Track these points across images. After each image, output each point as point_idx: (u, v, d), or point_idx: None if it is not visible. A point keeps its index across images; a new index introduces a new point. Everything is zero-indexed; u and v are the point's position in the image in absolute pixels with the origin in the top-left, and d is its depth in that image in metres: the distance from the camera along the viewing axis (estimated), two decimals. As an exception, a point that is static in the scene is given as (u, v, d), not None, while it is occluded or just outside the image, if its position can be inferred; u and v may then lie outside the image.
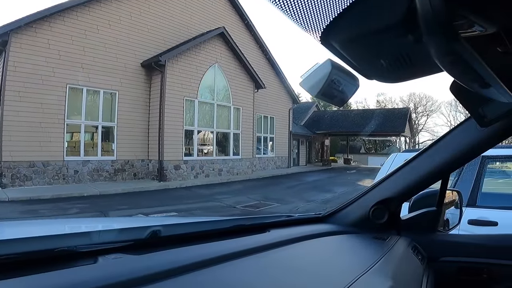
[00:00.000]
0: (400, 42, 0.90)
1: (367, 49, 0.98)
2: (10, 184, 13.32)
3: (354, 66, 1.06)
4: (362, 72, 1.08)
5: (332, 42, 0.94)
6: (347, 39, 0.93)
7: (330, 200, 14.14)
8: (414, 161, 1.94)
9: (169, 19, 18.95)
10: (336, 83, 1.08)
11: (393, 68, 1.03)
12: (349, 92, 1.14)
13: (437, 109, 62.88)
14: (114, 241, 1.15)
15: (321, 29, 0.88)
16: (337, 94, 1.11)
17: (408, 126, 35.48)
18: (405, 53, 0.96)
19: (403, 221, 2.02)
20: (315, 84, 1.09)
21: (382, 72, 1.07)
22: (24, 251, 0.94)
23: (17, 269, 0.86)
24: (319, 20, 0.84)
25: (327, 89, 1.08)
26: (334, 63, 1.06)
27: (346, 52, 0.99)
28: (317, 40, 0.91)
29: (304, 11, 0.81)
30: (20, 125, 13.37)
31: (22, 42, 13.53)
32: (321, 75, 1.07)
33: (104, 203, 12.12)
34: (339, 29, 0.88)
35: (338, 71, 1.07)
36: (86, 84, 15.41)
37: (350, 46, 0.97)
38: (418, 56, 0.95)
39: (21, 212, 10.37)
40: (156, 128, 17.28)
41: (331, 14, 0.82)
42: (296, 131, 31.03)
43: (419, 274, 1.71)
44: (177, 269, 1.00)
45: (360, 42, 0.94)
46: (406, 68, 1.03)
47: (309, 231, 1.75)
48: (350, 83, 1.12)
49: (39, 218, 9.71)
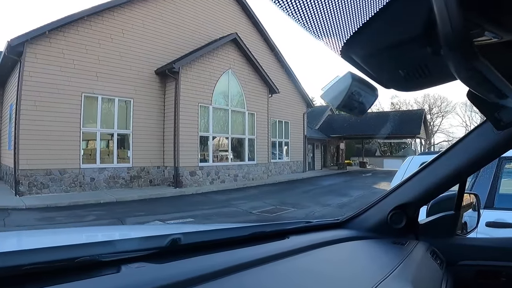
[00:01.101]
0: (418, 54, 0.91)
1: (386, 61, 1.00)
2: (27, 192, 13.25)
3: (372, 76, 1.09)
4: (380, 82, 1.11)
5: (352, 56, 0.98)
6: (366, 53, 0.98)
7: (346, 204, 13.86)
8: (431, 166, 1.92)
9: (181, 26, 18.82)
10: (356, 94, 1.10)
11: (410, 77, 1.04)
12: (369, 102, 1.16)
13: (452, 110, 62.05)
14: (135, 249, 1.14)
15: (342, 44, 0.92)
16: (357, 105, 1.13)
17: (423, 127, 34.93)
18: (423, 64, 0.98)
19: (421, 225, 2.02)
20: (336, 97, 1.11)
21: (399, 81, 1.08)
22: (46, 261, 0.93)
23: (41, 278, 0.87)
24: (339, 35, 0.88)
25: (347, 101, 1.10)
26: (354, 76, 1.09)
27: (365, 65, 1.02)
28: (337, 54, 0.95)
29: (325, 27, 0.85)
30: (37, 134, 13.31)
31: (37, 52, 13.49)
32: (341, 88, 1.10)
33: (121, 210, 11.96)
34: (359, 43, 0.92)
35: (358, 83, 1.10)
36: (101, 92, 15.31)
37: (370, 59, 1.00)
38: (436, 66, 0.96)
39: (38, 220, 10.27)
40: (171, 135, 17.11)
41: (351, 29, 0.86)
42: (311, 135, 30.67)
43: (438, 278, 1.70)
44: (199, 278, 1.00)
45: (379, 55, 0.97)
46: (424, 77, 1.03)
47: (328, 237, 1.76)
48: (369, 94, 1.14)
49: (56, 226, 9.71)
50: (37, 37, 13.44)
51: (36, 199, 12.57)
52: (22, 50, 13.18)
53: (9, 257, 0.95)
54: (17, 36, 12.98)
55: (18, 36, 13.00)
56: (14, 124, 13.52)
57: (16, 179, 13.21)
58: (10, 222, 9.81)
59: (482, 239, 2.32)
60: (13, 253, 1.03)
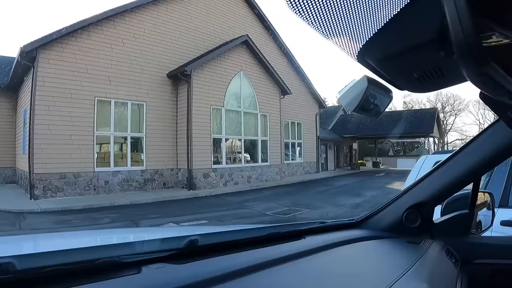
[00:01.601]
0: (431, 58, 0.92)
1: (400, 65, 1.02)
2: (42, 196, 13.24)
3: (387, 79, 1.11)
4: (394, 84, 1.13)
5: (368, 60, 1.00)
6: (382, 57, 0.99)
7: (360, 204, 13.66)
8: (445, 165, 1.92)
9: (193, 29, 18.75)
10: (371, 97, 1.13)
11: (424, 79, 1.06)
12: (384, 104, 1.19)
13: (465, 108, 60.84)
14: (154, 251, 1.15)
15: (358, 49, 0.94)
16: (373, 107, 1.16)
17: (436, 126, 34.48)
18: (436, 66, 0.99)
19: (435, 224, 2.00)
20: (353, 100, 1.13)
21: (413, 83, 1.10)
22: (67, 262, 0.93)
23: (62, 280, 0.88)
24: (356, 41, 0.90)
25: (364, 104, 1.12)
26: (370, 79, 1.11)
27: (381, 68, 1.04)
28: (353, 58, 0.97)
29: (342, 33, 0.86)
30: (51, 138, 13.33)
31: (50, 57, 13.50)
32: (358, 91, 1.12)
33: (135, 213, 11.90)
34: (375, 48, 0.94)
35: (374, 86, 1.12)
36: (114, 96, 15.29)
37: (385, 63, 1.02)
38: (449, 68, 0.98)
39: (53, 223, 10.29)
40: (184, 137, 17.02)
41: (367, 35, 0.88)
42: (323, 135, 30.38)
43: (453, 277, 1.69)
44: (218, 278, 1.02)
45: (394, 59, 0.99)
46: (437, 79, 1.05)
47: (344, 237, 1.77)
48: (384, 96, 1.17)
49: (72, 229, 9.66)
50: (49, 43, 13.45)
51: (51, 203, 12.54)
52: (35, 55, 13.21)
53: (30, 259, 0.94)
54: (30, 42, 12.99)
55: (31, 42, 13.02)
56: (28, 129, 13.53)
57: (31, 183, 13.21)
58: (25, 226, 9.79)
59: (497, 238, 2.32)
60: (33, 255, 1.03)
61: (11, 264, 0.84)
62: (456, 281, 1.68)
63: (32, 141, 13.19)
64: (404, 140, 50.40)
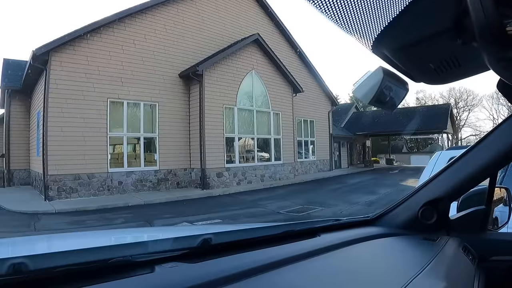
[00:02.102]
0: (448, 46, 0.92)
1: (416, 55, 1.00)
2: (56, 197, 13.23)
3: (402, 70, 1.10)
4: (410, 76, 1.12)
5: (383, 50, 0.98)
6: (397, 46, 0.97)
7: (374, 202, 13.41)
8: (461, 160, 1.87)
9: (203, 29, 18.61)
10: (387, 89, 1.10)
11: (441, 70, 1.05)
12: (399, 96, 1.17)
13: (478, 103, 59.23)
14: (167, 250, 1.14)
15: (373, 39, 0.92)
16: (389, 100, 1.14)
17: (449, 122, 33.91)
18: (453, 56, 0.98)
19: (452, 221, 1.97)
20: (368, 92, 1.11)
21: (430, 74, 1.10)
22: (80, 262, 0.93)
23: (75, 280, 0.88)
24: (371, 30, 0.88)
25: (379, 96, 1.10)
26: (385, 70, 1.09)
27: (396, 59, 1.03)
28: (368, 49, 0.96)
29: (357, 23, 0.85)
30: (64, 140, 13.32)
31: (62, 60, 13.47)
32: (373, 83, 1.09)
33: (149, 213, 11.83)
34: (390, 38, 0.92)
35: (389, 77, 1.10)
36: (126, 97, 15.22)
37: (400, 52, 0.99)
38: (466, 58, 0.98)
39: (68, 223, 10.26)
40: (197, 137, 16.89)
41: (382, 24, 0.86)
42: (336, 133, 30.05)
43: (470, 274, 1.66)
44: (232, 276, 1.00)
45: (410, 48, 0.96)
46: (454, 69, 1.04)
47: (359, 234, 1.74)
48: (400, 88, 1.14)
49: (86, 229, 9.63)
50: (61, 46, 13.42)
51: (65, 204, 12.54)
52: (47, 58, 13.20)
53: (43, 259, 0.94)
54: (42, 46, 12.97)
55: (43, 45, 13.00)
56: (42, 131, 13.52)
57: (45, 184, 13.20)
58: (40, 227, 9.80)
59: None
60: (45, 256, 1.03)
61: (23, 264, 0.85)
62: (473, 278, 1.66)
63: (46, 143, 13.17)
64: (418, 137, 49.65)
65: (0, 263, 0.84)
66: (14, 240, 2.11)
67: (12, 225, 10.05)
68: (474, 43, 0.79)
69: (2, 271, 0.82)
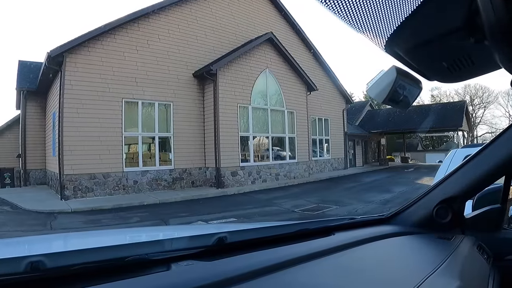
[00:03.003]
0: (461, 45, 0.91)
1: (429, 54, 1.00)
2: (72, 196, 13.22)
3: (416, 69, 1.09)
4: (423, 74, 1.12)
5: (396, 50, 0.98)
6: (410, 46, 0.97)
7: (389, 200, 13.12)
8: (476, 158, 1.84)
9: (217, 28, 18.43)
10: (400, 88, 1.10)
11: (454, 68, 1.05)
12: (413, 95, 1.16)
13: (494, 100, 57.98)
14: (183, 248, 1.16)
15: (386, 38, 0.92)
16: (403, 99, 1.13)
17: (465, 119, 33.28)
18: (466, 54, 0.98)
19: (467, 219, 1.94)
20: (382, 91, 1.10)
21: (443, 73, 1.11)
22: (97, 260, 0.95)
23: (92, 278, 0.88)
24: (383, 30, 0.88)
25: (393, 95, 1.10)
26: (398, 69, 1.09)
27: (409, 58, 1.02)
28: (381, 48, 0.96)
29: (370, 23, 0.85)
30: (80, 140, 13.29)
31: (77, 61, 13.44)
32: (387, 82, 1.09)
33: (164, 211, 11.74)
34: (403, 37, 0.92)
35: (403, 76, 1.09)
36: (141, 97, 15.12)
37: (413, 52, 0.99)
38: (479, 56, 0.97)
39: (84, 222, 10.26)
40: (211, 136, 16.73)
41: (395, 24, 0.86)
42: (351, 131, 29.66)
43: (485, 273, 1.64)
44: (248, 274, 1.00)
45: (422, 47, 0.95)
46: (467, 68, 1.04)
47: (373, 232, 1.73)
48: (413, 87, 1.14)
49: (102, 228, 9.69)
50: (76, 47, 13.40)
51: (81, 203, 12.53)
52: (62, 60, 13.18)
53: (60, 257, 0.95)
54: (56, 47, 12.98)
55: (57, 46, 13.00)
56: (58, 132, 13.51)
57: (61, 184, 13.18)
58: (57, 225, 9.83)
59: None
60: (63, 254, 1.04)
61: (41, 262, 0.86)
62: (488, 277, 1.63)
63: (61, 143, 13.16)
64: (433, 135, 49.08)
65: (18, 261, 0.86)
66: (32, 239, 2.19)
67: (29, 224, 10.11)
68: (486, 42, 0.79)
69: (20, 269, 0.84)
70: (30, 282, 0.84)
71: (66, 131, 13.15)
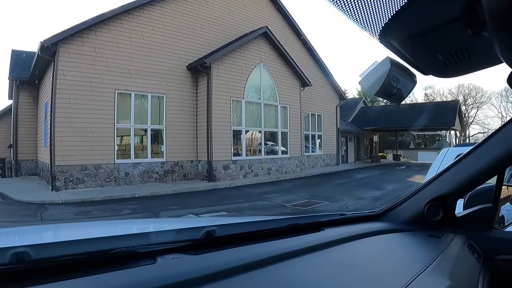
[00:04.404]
0: (458, 37, 0.89)
1: (425, 46, 0.98)
2: (63, 187, 13.17)
3: (411, 62, 1.08)
4: (419, 68, 1.11)
5: (391, 40, 0.96)
6: (405, 36, 0.95)
7: (380, 197, 13.21)
8: (469, 157, 1.85)
9: (212, 21, 18.34)
10: (394, 80, 1.08)
11: (450, 62, 1.03)
12: (407, 89, 1.14)
13: (487, 101, 58.29)
14: (170, 241, 1.15)
15: (380, 28, 0.89)
16: (396, 92, 1.11)
17: (458, 119, 33.49)
18: (463, 47, 0.97)
19: (458, 218, 1.95)
20: (375, 83, 1.09)
21: (439, 67, 1.10)
22: (83, 252, 0.95)
23: (78, 269, 0.88)
24: (377, 19, 0.86)
25: (386, 87, 1.08)
26: (393, 61, 1.06)
27: (404, 49, 1.01)
28: (375, 38, 0.93)
29: (364, 11, 0.82)
30: (72, 131, 13.21)
31: (70, 51, 13.34)
32: (380, 73, 1.07)
33: (155, 204, 11.76)
34: (398, 27, 0.90)
35: (397, 68, 1.07)
36: (134, 88, 15.06)
37: (408, 43, 0.97)
38: (476, 50, 0.96)
39: (74, 214, 10.23)
40: (204, 129, 16.70)
41: (389, 13, 0.83)
42: (344, 127, 29.69)
43: (475, 273, 1.64)
44: (235, 269, 1.00)
45: (418, 38, 0.94)
46: (464, 62, 1.03)
47: (364, 229, 1.72)
48: (408, 80, 1.12)
49: (92, 219, 9.61)
50: (69, 37, 13.29)
51: (72, 194, 12.51)
52: (55, 50, 13.08)
53: (46, 248, 0.95)
54: (50, 37, 12.87)
55: (51, 36, 12.90)
56: (50, 122, 13.45)
57: (52, 175, 13.12)
58: (47, 217, 9.80)
59: None
60: (50, 245, 1.03)
61: (26, 254, 0.85)
62: (478, 277, 1.63)
63: (53, 133, 13.09)
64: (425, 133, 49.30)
65: (3, 252, 0.85)
66: (20, 230, 2.19)
67: (20, 214, 10.10)
68: (485, 33, 0.77)
69: (5, 260, 0.83)
70: (15, 273, 0.84)
71: (58, 121, 13.08)
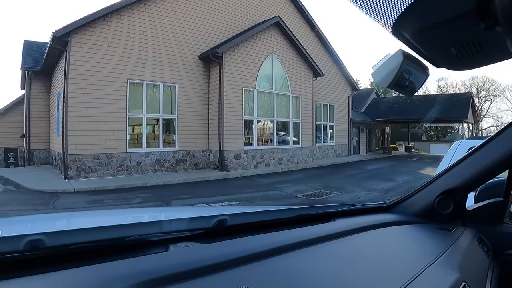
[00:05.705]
0: (471, 30, 0.88)
1: (437, 38, 0.97)
2: (75, 176, 13.22)
3: (423, 55, 1.06)
4: (431, 61, 1.09)
5: (403, 32, 0.95)
6: (418, 29, 0.93)
7: (391, 189, 13.03)
8: (481, 150, 1.82)
9: (224, 11, 18.15)
10: (407, 73, 1.08)
11: (462, 55, 1.01)
12: (419, 81, 1.13)
13: (501, 94, 57.14)
14: (182, 230, 1.16)
15: (393, 20, 0.89)
16: (408, 84, 1.11)
17: (471, 111, 32.92)
18: (476, 41, 0.94)
19: (468, 211, 1.94)
20: (387, 75, 1.08)
21: (451, 60, 1.07)
22: (96, 240, 0.97)
23: (91, 257, 0.89)
24: (391, 12, 0.86)
25: (399, 80, 1.07)
26: (405, 53, 1.06)
27: (416, 42, 0.99)
28: (388, 31, 0.93)
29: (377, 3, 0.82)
30: (84, 120, 13.24)
31: (82, 41, 13.32)
32: (393, 66, 1.07)
33: (167, 193, 11.76)
34: (411, 19, 0.89)
35: (409, 61, 1.07)
36: (146, 78, 15.00)
37: (421, 35, 0.96)
38: (489, 43, 0.94)
39: (86, 202, 10.30)
40: (216, 119, 16.64)
41: (403, 5, 0.83)
42: (356, 118, 29.39)
43: (484, 266, 1.63)
44: (246, 258, 1.01)
45: (431, 31, 0.93)
46: (476, 55, 1.00)
47: (374, 220, 1.72)
48: (420, 72, 1.11)
49: (104, 208, 9.72)
50: (81, 27, 13.27)
51: (84, 183, 12.54)
52: (67, 40, 13.05)
53: (59, 236, 0.96)
54: (62, 27, 12.86)
55: (63, 27, 12.89)
56: (62, 112, 13.48)
57: (65, 164, 13.17)
58: (59, 205, 9.84)
59: None
60: (63, 233, 1.03)
61: (40, 241, 0.87)
62: (487, 271, 1.62)
63: (65, 123, 13.12)
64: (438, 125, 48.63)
65: (18, 239, 0.86)
66: (34, 218, 2.25)
67: (32, 203, 10.14)
68: (498, 28, 0.76)
69: (20, 247, 0.85)
70: (29, 261, 0.85)
71: (71, 111, 13.09)
